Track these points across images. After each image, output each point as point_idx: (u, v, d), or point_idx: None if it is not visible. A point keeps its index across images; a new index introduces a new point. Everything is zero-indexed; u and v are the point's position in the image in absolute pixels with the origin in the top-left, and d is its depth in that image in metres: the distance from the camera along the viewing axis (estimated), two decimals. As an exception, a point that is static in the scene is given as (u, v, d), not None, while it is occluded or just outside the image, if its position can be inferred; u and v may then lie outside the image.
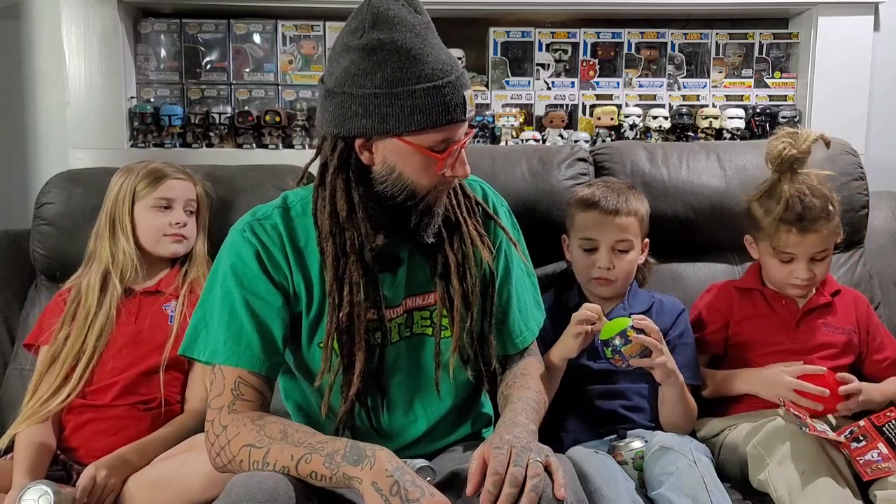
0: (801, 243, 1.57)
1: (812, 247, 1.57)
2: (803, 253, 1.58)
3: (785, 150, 1.59)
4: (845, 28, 2.26)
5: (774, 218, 1.57)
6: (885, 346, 1.66)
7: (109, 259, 1.66)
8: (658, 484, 1.33)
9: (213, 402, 1.19)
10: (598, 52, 2.32)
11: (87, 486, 1.39)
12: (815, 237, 1.56)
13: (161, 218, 1.68)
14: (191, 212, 1.72)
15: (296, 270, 1.23)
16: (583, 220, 1.60)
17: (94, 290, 1.64)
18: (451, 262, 1.26)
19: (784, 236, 1.57)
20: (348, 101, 1.13)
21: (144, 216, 1.68)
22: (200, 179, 1.77)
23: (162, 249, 1.69)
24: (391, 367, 1.28)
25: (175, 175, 1.72)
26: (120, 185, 1.70)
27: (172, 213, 1.69)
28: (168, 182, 1.70)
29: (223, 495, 1.06)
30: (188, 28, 2.24)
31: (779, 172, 1.61)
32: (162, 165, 1.73)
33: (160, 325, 1.64)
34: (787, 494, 1.30)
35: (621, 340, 1.38)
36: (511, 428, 1.14)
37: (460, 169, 1.19)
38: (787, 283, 1.62)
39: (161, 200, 1.68)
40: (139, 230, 1.69)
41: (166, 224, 1.68)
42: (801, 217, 1.55)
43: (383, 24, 1.11)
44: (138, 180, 1.69)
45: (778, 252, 1.59)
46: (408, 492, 1.02)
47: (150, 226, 1.68)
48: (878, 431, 1.34)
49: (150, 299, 1.67)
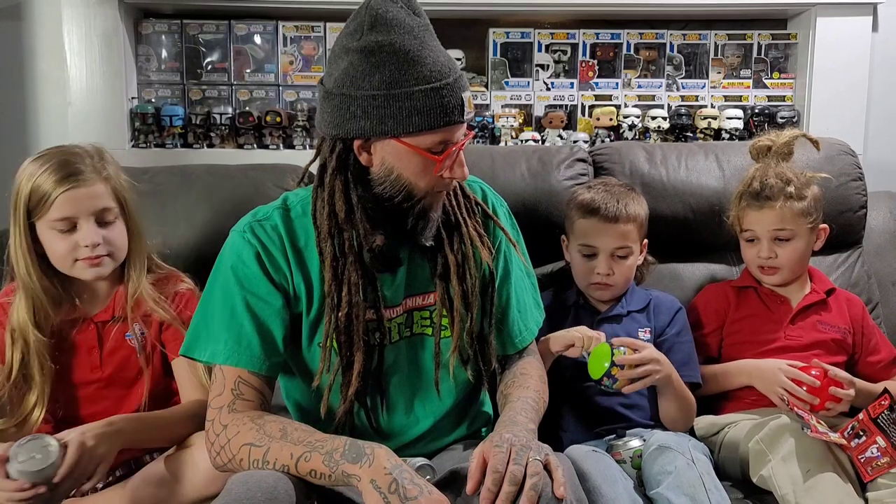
0: (759, 220, 1.62)
1: (769, 223, 1.61)
2: (762, 229, 1.62)
3: (761, 142, 1.69)
4: (844, 29, 2.27)
5: (737, 195, 1.66)
6: (879, 348, 1.67)
7: (30, 285, 1.38)
8: (656, 483, 1.33)
9: (213, 401, 1.20)
10: (598, 52, 2.33)
11: (74, 455, 1.21)
12: (771, 213, 1.60)
13: (65, 240, 1.36)
14: (109, 221, 1.40)
15: (296, 271, 1.23)
16: (582, 226, 1.61)
17: (28, 326, 1.37)
18: (451, 263, 1.26)
19: (743, 213, 1.64)
20: (347, 103, 1.14)
21: (46, 238, 1.38)
22: (114, 170, 1.43)
23: (79, 274, 1.40)
24: (391, 366, 1.28)
25: (72, 184, 1.34)
26: (17, 193, 1.37)
27: (79, 232, 1.36)
28: (63, 197, 1.33)
29: (223, 494, 1.07)
30: (189, 29, 2.25)
31: (755, 161, 1.69)
32: (59, 164, 1.36)
33: (128, 361, 1.44)
34: (792, 492, 1.30)
35: (609, 381, 1.41)
36: (510, 427, 1.14)
37: (458, 171, 1.20)
38: (755, 267, 1.66)
39: (59, 223, 1.35)
40: (47, 253, 1.39)
41: (73, 247, 1.36)
42: (757, 193, 1.62)
43: (382, 26, 1.12)
44: (29, 188, 1.35)
45: (742, 231, 1.66)
46: (406, 490, 1.02)
47: (55, 251, 1.38)
48: (874, 424, 1.34)
49: (108, 329, 1.44)
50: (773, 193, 1.60)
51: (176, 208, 1.81)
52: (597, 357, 1.42)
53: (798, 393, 1.47)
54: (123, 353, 1.44)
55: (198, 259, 1.75)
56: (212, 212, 1.80)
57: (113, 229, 1.40)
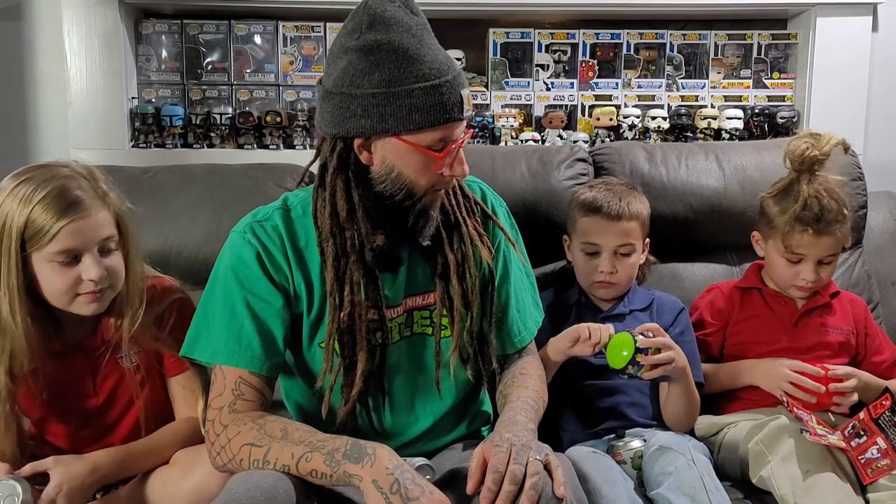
0: (814, 245, 1.56)
1: (824, 249, 1.57)
2: (814, 255, 1.57)
3: (808, 151, 1.57)
4: (844, 29, 2.27)
5: (791, 217, 1.56)
6: (883, 348, 1.66)
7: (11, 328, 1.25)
8: (657, 483, 1.33)
9: (213, 401, 1.20)
10: (598, 52, 2.33)
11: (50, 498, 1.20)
12: (828, 240, 1.56)
13: (65, 274, 1.25)
14: (110, 250, 1.30)
15: (296, 271, 1.23)
16: (585, 224, 1.60)
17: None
18: (451, 262, 1.26)
19: (798, 236, 1.56)
20: (347, 102, 1.14)
21: (42, 271, 1.25)
22: (115, 194, 1.32)
23: (78, 310, 1.29)
24: (392, 367, 1.28)
25: (75, 215, 1.23)
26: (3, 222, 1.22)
27: (83, 265, 1.25)
28: (67, 229, 1.22)
29: (223, 494, 1.07)
30: (189, 29, 2.25)
31: (798, 172, 1.60)
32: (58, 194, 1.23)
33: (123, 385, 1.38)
34: (791, 492, 1.30)
35: (634, 368, 1.38)
36: (511, 427, 1.14)
37: (458, 168, 1.20)
38: (791, 284, 1.62)
39: (61, 255, 1.24)
40: (42, 287, 1.26)
41: (75, 281, 1.26)
42: (818, 218, 1.54)
43: (380, 24, 1.12)
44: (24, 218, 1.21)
45: (789, 251, 1.58)
46: (408, 490, 1.02)
47: (52, 287, 1.26)
48: (874, 424, 1.34)
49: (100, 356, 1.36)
50: (833, 219, 1.54)
51: (176, 208, 1.81)
52: (617, 347, 1.39)
53: (804, 383, 1.46)
54: (117, 378, 1.38)
55: (198, 259, 1.77)
56: (212, 212, 1.81)
57: (113, 258, 1.30)
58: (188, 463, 1.30)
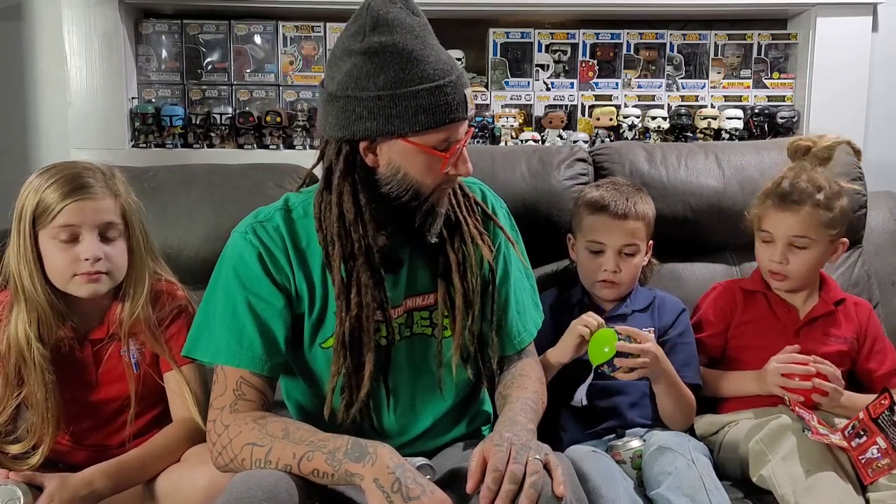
0: (779, 222, 1.57)
1: (790, 227, 1.56)
2: (781, 233, 1.57)
3: (801, 141, 1.64)
4: (844, 29, 2.27)
5: (763, 193, 1.61)
6: (883, 359, 1.62)
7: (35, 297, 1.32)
8: (656, 483, 1.33)
9: (215, 401, 1.20)
10: (597, 52, 2.33)
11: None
12: (794, 218, 1.55)
13: (65, 252, 1.31)
14: (112, 238, 1.36)
15: (298, 272, 1.23)
16: (591, 222, 1.60)
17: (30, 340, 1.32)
18: (452, 262, 1.27)
19: (765, 212, 1.59)
20: (352, 105, 1.14)
21: (47, 249, 1.33)
22: (125, 189, 1.40)
23: (75, 291, 1.34)
24: (395, 367, 1.28)
25: (80, 196, 1.31)
26: (22, 204, 1.33)
27: (81, 244, 1.31)
28: (69, 207, 1.30)
29: (224, 493, 1.07)
30: (189, 29, 2.25)
31: (791, 160, 1.64)
32: (69, 177, 1.33)
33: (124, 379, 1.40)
34: (792, 491, 1.30)
35: (609, 368, 1.41)
36: (510, 426, 1.15)
37: (463, 167, 1.20)
38: (765, 270, 1.62)
39: (62, 230, 1.31)
40: (46, 266, 1.34)
41: (73, 260, 1.32)
42: (785, 194, 1.56)
43: (383, 27, 1.12)
44: (37, 199, 1.31)
45: (759, 230, 1.61)
46: (409, 489, 1.03)
47: (53, 264, 1.33)
48: (874, 423, 1.34)
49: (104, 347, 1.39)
50: (802, 198, 1.54)
51: (176, 208, 1.82)
52: (599, 342, 1.41)
53: (792, 370, 1.46)
54: (120, 372, 1.40)
55: (198, 259, 1.77)
56: (212, 212, 1.81)
57: (115, 247, 1.36)
58: (200, 459, 1.30)
